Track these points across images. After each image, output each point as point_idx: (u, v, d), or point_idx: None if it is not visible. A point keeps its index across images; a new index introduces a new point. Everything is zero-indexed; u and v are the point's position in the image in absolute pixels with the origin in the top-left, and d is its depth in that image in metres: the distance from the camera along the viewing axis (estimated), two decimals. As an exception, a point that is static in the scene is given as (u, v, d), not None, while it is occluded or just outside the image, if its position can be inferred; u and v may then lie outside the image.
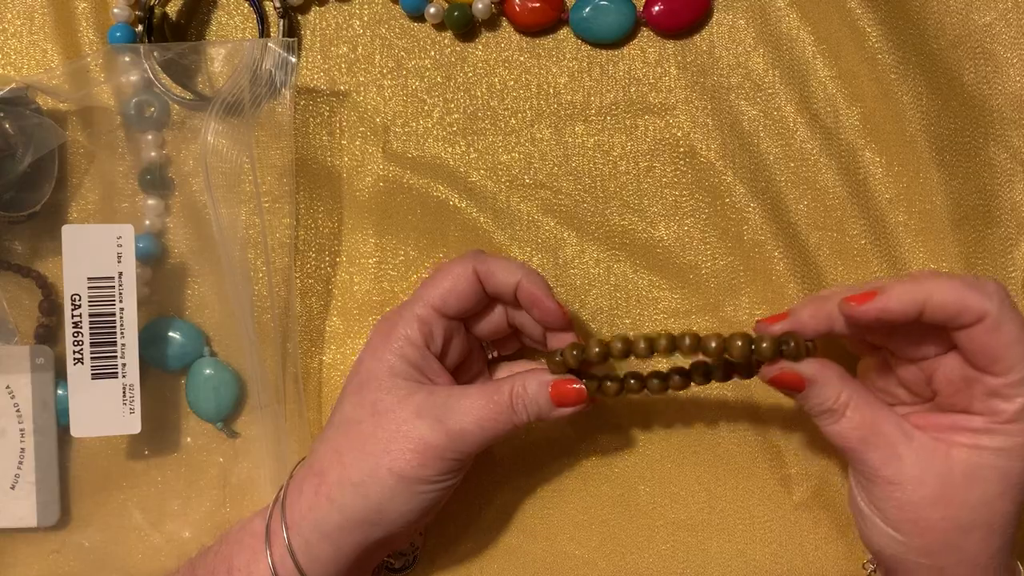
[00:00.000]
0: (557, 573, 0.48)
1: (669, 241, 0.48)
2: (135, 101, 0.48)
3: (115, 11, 0.48)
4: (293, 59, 0.47)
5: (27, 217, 0.48)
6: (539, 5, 0.48)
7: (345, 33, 0.49)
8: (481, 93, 0.49)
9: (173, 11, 0.49)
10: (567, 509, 0.48)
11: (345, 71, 0.49)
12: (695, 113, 0.48)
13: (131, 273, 0.45)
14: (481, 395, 0.41)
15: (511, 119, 0.49)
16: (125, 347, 0.45)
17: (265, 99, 0.47)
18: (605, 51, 0.49)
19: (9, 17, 0.50)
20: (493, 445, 0.48)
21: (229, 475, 0.49)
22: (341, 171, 0.49)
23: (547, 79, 0.49)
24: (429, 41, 0.49)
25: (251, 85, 0.46)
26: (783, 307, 0.47)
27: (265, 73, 0.46)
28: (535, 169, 0.49)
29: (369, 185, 0.49)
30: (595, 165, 0.49)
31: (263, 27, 0.49)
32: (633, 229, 0.48)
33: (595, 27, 0.48)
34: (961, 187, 0.47)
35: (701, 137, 0.48)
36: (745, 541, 0.48)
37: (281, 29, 0.48)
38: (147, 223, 0.49)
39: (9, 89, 0.46)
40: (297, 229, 0.49)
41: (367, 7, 0.49)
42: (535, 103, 0.49)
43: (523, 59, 0.49)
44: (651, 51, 0.48)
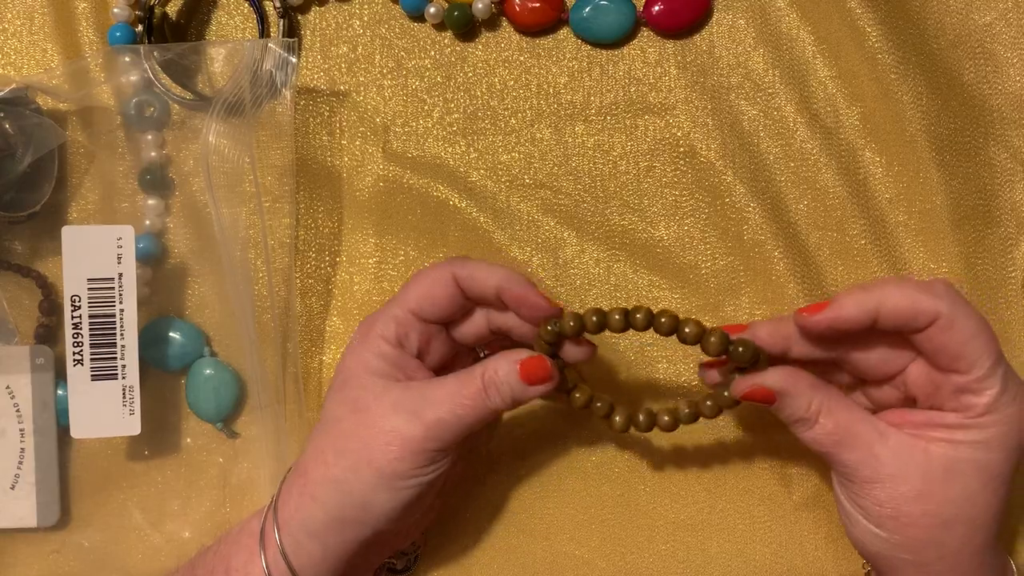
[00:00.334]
0: (557, 573, 0.48)
1: (669, 241, 0.48)
2: (135, 101, 0.48)
3: (115, 11, 0.48)
4: (293, 59, 0.47)
5: (27, 217, 0.48)
6: (539, 5, 0.48)
7: (345, 33, 0.49)
8: (481, 93, 0.49)
9: (173, 11, 0.49)
10: (567, 509, 0.48)
11: (345, 71, 0.49)
12: (695, 113, 0.48)
13: (131, 274, 0.45)
14: (455, 383, 0.40)
15: (511, 119, 0.49)
16: (125, 348, 0.45)
17: (266, 99, 0.47)
18: (605, 51, 0.49)
19: (9, 17, 0.50)
20: (492, 445, 0.49)
21: (229, 475, 0.49)
22: (341, 171, 0.49)
23: (547, 79, 0.49)
24: (429, 41, 0.49)
25: (251, 85, 0.46)
26: (783, 307, 0.48)
27: (265, 73, 0.46)
28: (535, 169, 0.49)
29: (369, 185, 0.49)
30: (595, 165, 0.49)
31: (263, 27, 0.49)
32: (633, 229, 0.48)
33: (595, 27, 0.48)
34: (961, 187, 0.47)
35: (701, 137, 0.48)
36: (745, 541, 0.48)
37: (281, 29, 0.48)
38: (147, 223, 0.49)
39: (9, 89, 0.46)
40: (297, 229, 0.49)
41: (367, 7, 0.49)
42: (535, 103, 0.49)
43: (523, 59, 0.49)
44: (651, 51, 0.48)
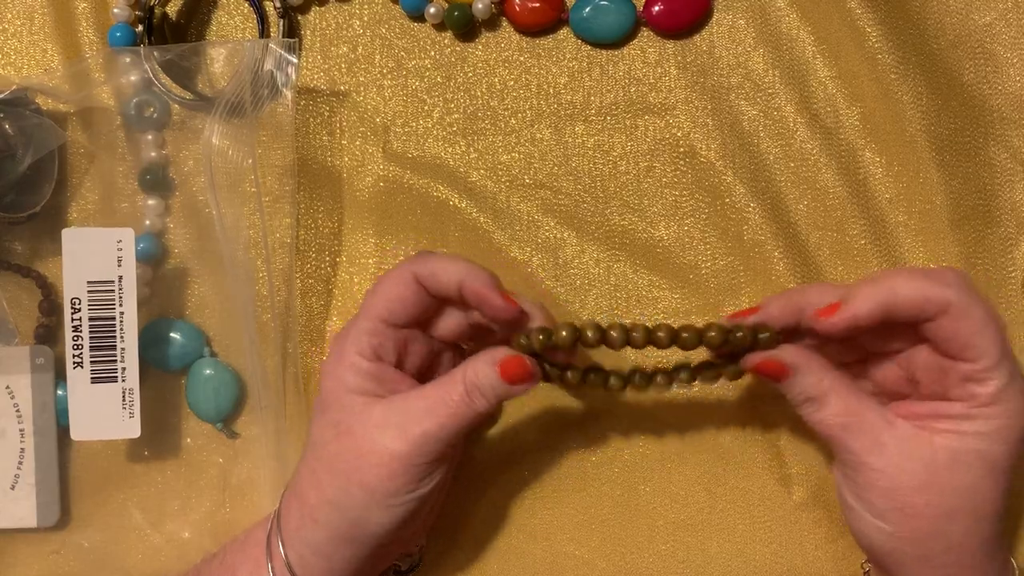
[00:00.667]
0: (557, 573, 0.48)
1: (669, 241, 0.48)
2: (135, 101, 0.48)
3: (115, 11, 0.48)
4: (294, 59, 0.47)
5: (27, 218, 0.48)
6: (539, 5, 0.47)
7: (345, 33, 0.49)
8: (481, 93, 0.49)
9: (173, 11, 0.49)
10: (567, 509, 0.48)
11: (345, 71, 0.49)
12: (695, 113, 0.48)
13: (131, 277, 0.45)
14: (436, 393, 0.40)
15: (511, 119, 0.49)
16: (125, 351, 0.45)
17: (266, 100, 0.47)
18: (605, 51, 0.49)
19: (9, 17, 0.50)
20: (492, 445, 0.49)
21: (229, 476, 0.49)
22: (341, 171, 0.49)
23: (547, 79, 0.49)
24: (429, 41, 0.49)
25: (252, 86, 0.46)
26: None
27: (266, 74, 0.46)
28: (535, 169, 0.49)
29: (369, 185, 0.49)
30: (595, 165, 0.49)
31: (263, 27, 0.49)
32: (633, 229, 0.48)
33: (595, 27, 0.48)
34: (961, 187, 0.47)
35: (701, 137, 0.48)
36: (745, 541, 0.48)
37: (281, 29, 0.48)
38: (147, 223, 0.49)
39: (9, 90, 0.46)
40: (297, 229, 0.49)
41: (367, 7, 0.49)
42: (535, 103, 0.49)
43: (523, 59, 0.49)
44: (651, 51, 0.48)
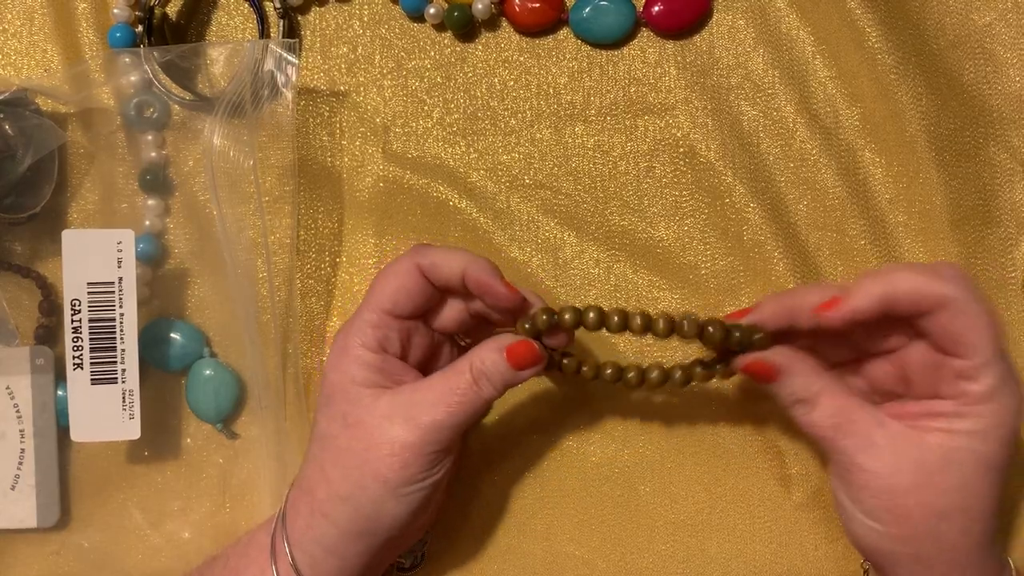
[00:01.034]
0: (557, 573, 0.48)
1: (669, 241, 0.48)
2: (135, 102, 0.48)
3: (115, 11, 0.48)
4: (294, 60, 0.47)
5: (27, 218, 0.48)
6: (539, 5, 0.48)
7: (345, 33, 0.49)
8: (481, 93, 0.49)
9: (173, 11, 0.49)
10: (567, 509, 0.48)
11: (345, 71, 0.49)
12: (695, 113, 0.48)
13: (131, 278, 0.45)
14: (444, 382, 0.40)
15: (511, 119, 0.49)
16: (125, 352, 0.45)
17: (266, 100, 0.47)
18: (605, 51, 0.49)
19: (9, 17, 0.50)
20: (492, 445, 0.49)
21: (229, 476, 0.49)
22: (341, 171, 0.49)
23: (547, 79, 0.49)
24: (429, 41, 0.49)
25: (252, 86, 0.46)
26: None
27: (266, 74, 0.46)
28: (535, 169, 0.49)
29: (369, 185, 0.49)
30: (595, 165, 0.49)
31: (263, 28, 0.49)
32: (633, 229, 0.48)
33: (595, 27, 0.48)
34: (961, 187, 0.47)
35: (701, 137, 0.48)
36: (745, 541, 0.48)
37: (281, 30, 0.48)
38: (147, 223, 0.49)
39: (9, 91, 0.46)
40: (297, 229, 0.49)
41: (367, 7, 0.49)
42: (535, 103, 0.49)
43: (523, 59, 0.49)
44: (651, 51, 0.48)
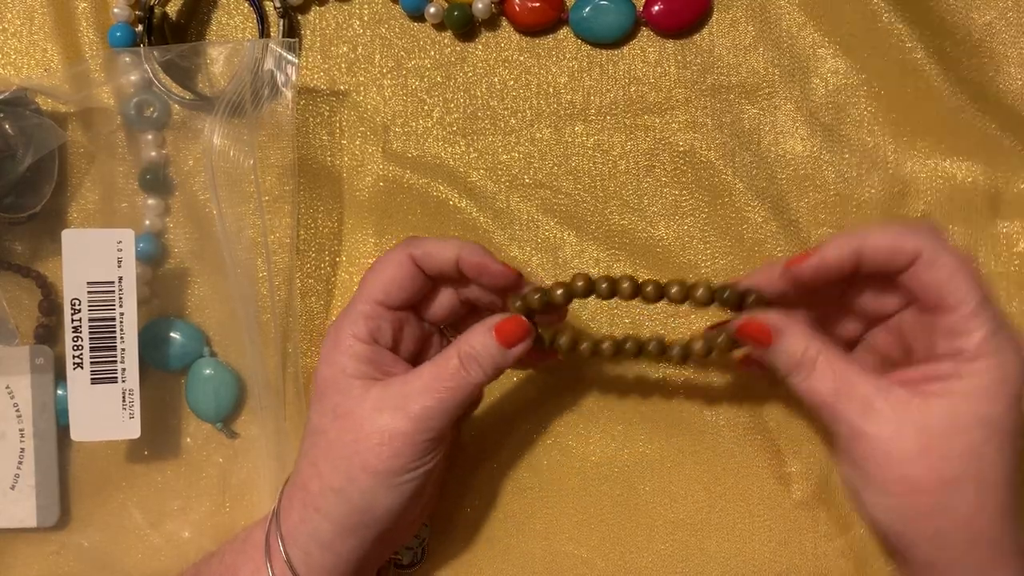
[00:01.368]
0: (556, 573, 0.48)
1: (669, 241, 0.48)
2: (135, 101, 0.48)
3: (115, 11, 0.48)
4: (294, 59, 0.47)
5: (27, 218, 0.48)
6: (539, 5, 0.48)
7: (345, 33, 0.49)
8: (481, 93, 0.49)
9: (173, 11, 0.49)
10: (567, 508, 0.48)
11: (345, 71, 0.49)
12: (695, 113, 0.48)
13: (131, 278, 0.45)
14: (433, 368, 0.40)
15: (511, 119, 0.49)
16: (125, 352, 0.45)
17: (266, 100, 0.47)
18: (605, 51, 0.49)
19: (9, 17, 0.50)
20: (491, 444, 0.49)
21: (229, 476, 0.49)
22: (341, 171, 0.49)
23: (547, 79, 0.49)
24: (429, 41, 0.49)
25: (252, 86, 0.46)
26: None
27: (266, 73, 0.46)
28: (535, 169, 0.49)
29: (369, 185, 0.49)
30: (595, 165, 0.49)
31: (263, 27, 0.49)
32: (633, 229, 0.48)
33: (595, 27, 0.48)
34: (962, 183, 0.47)
35: (701, 137, 0.48)
36: (744, 540, 0.48)
37: (281, 29, 0.48)
38: (147, 223, 0.49)
39: (10, 91, 0.46)
40: (297, 229, 0.49)
41: (367, 7, 0.49)
42: (535, 103, 0.49)
43: (523, 59, 0.49)
44: (651, 51, 0.48)
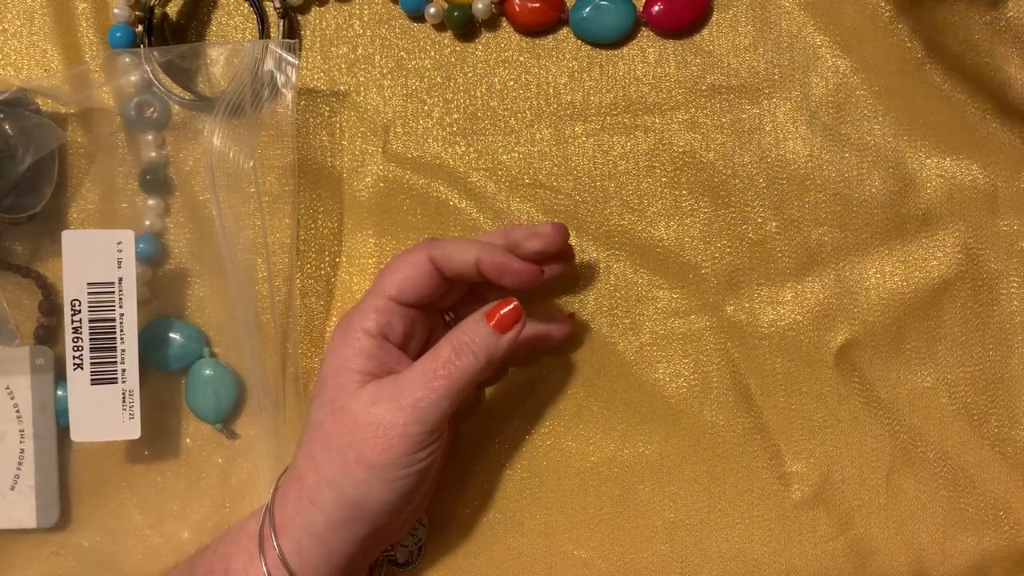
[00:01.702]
0: (555, 573, 0.48)
1: (669, 241, 0.48)
2: (135, 101, 0.48)
3: (115, 11, 0.48)
4: (294, 60, 0.47)
5: (27, 218, 0.48)
6: (539, 5, 0.48)
7: (345, 33, 0.49)
8: (481, 93, 0.49)
9: (173, 11, 0.49)
10: (566, 509, 0.48)
11: (345, 71, 0.49)
12: (695, 113, 0.48)
13: (131, 278, 0.45)
14: (425, 360, 0.41)
15: (511, 119, 0.49)
16: (125, 352, 0.45)
17: (266, 100, 0.47)
18: (605, 51, 0.49)
19: (9, 17, 0.49)
20: (490, 444, 0.49)
21: (229, 476, 0.49)
22: (341, 171, 0.49)
23: (547, 79, 0.49)
24: (429, 41, 0.49)
25: (252, 86, 0.46)
26: (783, 307, 0.48)
27: (266, 74, 0.46)
28: (535, 169, 0.49)
29: (369, 185, 0.49)
30: (595, 165, 0.49)
31: (263, 28, 0.49)
32: (633, 229, 0.48)
33: (595, 27, 0.48)
34: (963, 182, 0.47)
35: (701, 137, 0.48)
36: (744, 540, 0.48)
37: (281, 30, 0.48)
38: (147, 223, 0.49)
39: (9, 92, 0.46)
40: (297, 229, 0.49)
41: (367, 7, 0.49)
42: (535, 103, 0.49)
43: (523, 59, 0.49)
44: (651, 51, 0.48)
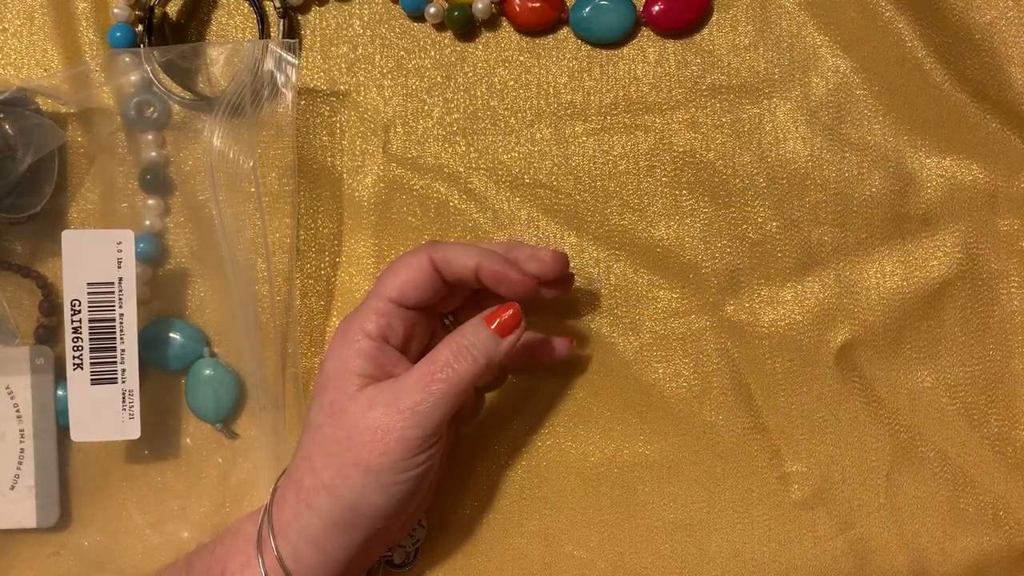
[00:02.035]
0: (555, 573, 0.48)
1: (669, 241, 0.48)
2: (135, 101, 0.48)
3: (115, 11, 0.48)
4: (294, 60, 0.47)
5: (27, 218, 0.48)
6: (539, 5, 0.48)
7: (345, 33, 0.49)
8: (481, 93, 0.49)
9: (173, 11, 0.49)
10: (565, 509, 0.48)
11: (345, 71, 0.49)
12: (695, 113, 0.48)
13: (131, 278, 0.45)
14: (424, 364, 0.41)
15: (511, 119, 0.49)
16: (125, 352, 0.45)
17: (266, 100, 0.47)
18: (605, 51, 0.49)
19: (9, 17, 0.49)
20: (489, 445, 0.49)
21: (229, 476, 0.49)
22: (341, 171, 0.49)
23: (547, 79, 0.49)
24: (429, 41, 0.49)
25: (252, 86, 0.46)
26: (783, 307, 0.48)
27: (266, 74, 0.46)
28: (535, 169, 0.49)
29: (369, 185, 0.49)
30: (595, 165, 0.49)
31: (263, 27, 0.49)
32: (633, 229, 0.48)
33: (595, 27, 0.48)
34: (963, 182, 0.47)
35: (701, 137, 0.48)
36: (744, 540, 0.48)
37: (281, 29, 0.48)
38: (147, 223, 0.49)
39: (9, 91, 0.46)
40: (297, 229, 0.49)
41: (367, 7, 0.49)
42: (535, 103, 0.49)
43: (523, 59, 0.49)
44: (651, 51, 0.48)
